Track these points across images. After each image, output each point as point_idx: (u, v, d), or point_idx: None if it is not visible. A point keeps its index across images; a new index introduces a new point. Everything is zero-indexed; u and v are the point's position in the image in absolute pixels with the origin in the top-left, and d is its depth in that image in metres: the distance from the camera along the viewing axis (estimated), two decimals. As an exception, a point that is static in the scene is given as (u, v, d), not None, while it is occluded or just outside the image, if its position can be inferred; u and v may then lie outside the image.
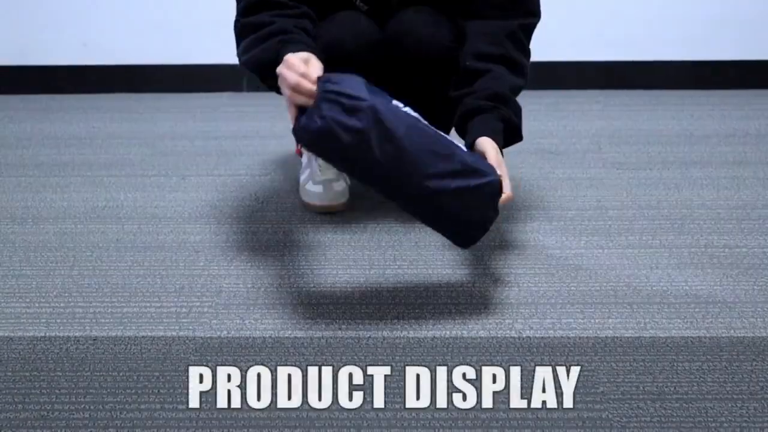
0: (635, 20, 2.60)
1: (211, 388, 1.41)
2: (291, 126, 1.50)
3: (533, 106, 2.51)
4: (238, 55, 1.67)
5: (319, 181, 1.95)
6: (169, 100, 2.65)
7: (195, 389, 1.41)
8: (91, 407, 1.37)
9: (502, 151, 1.61)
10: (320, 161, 1.96)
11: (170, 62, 2.68)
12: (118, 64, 2.70)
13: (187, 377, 1.43)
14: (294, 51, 1.50)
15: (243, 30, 1.65)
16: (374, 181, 1.48)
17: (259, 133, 2.40)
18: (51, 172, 2.19)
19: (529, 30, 1.71)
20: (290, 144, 2.27)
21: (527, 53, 1.72)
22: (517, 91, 1.69)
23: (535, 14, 1.71)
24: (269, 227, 1.89)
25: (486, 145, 1.58)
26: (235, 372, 1.45)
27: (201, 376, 1.44)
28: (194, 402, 1.38)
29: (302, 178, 2.01)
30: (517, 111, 1.67)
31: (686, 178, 2.10)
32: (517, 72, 1.69)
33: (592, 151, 2.25)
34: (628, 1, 2.59)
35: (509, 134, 1.66)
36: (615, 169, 2.15)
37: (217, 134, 2.38)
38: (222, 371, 1.45)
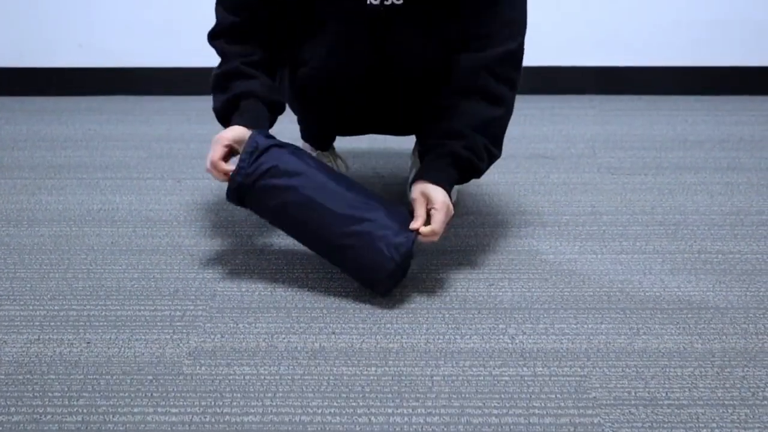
0: (630, 26, 2.61)
1: (205, 392, 1.41)
2: (286, 130, 1.55)
3: (528, 110, 2.52)
4: (211, 76, 1.78)
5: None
6: (165, 102, 2.65)
7: (189, 393, 1.41)
8: (84, 410, 1.37)
9: (445, 182, 1.63)
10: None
11: (166, 65, 2.69)
12: (114, 66, 2.70)
13: (181, 381, 1.43)
14: (237, 122, 1.66)
15: (218, 60, 1.76)
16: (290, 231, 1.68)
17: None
18: (46, 174, 2.19)
19: (513, 58, 1.68)
20: (285, 147, 2.27)
21: (512, 82, 1.69)
22: (492, 122, 1.67)
23: (516, 40, 1.68)
24: (264, 231, 1.89)
25: (423, 188, 1.62)
26: (228, 376, 1.45)
27: (194, 379, 1.44)
28: (188, 406, 1.38)
29: (297, 181, 2.01)
30: (474, 144, 1.65)
31: (680, 183, 2.10)
32: (495, 105, 1.67)
33: (586, 156, 2.26)
34: (623, 7, 2.59)
35: (463, 169, 1.66)
36: (609, 174, 2.16)
37: (213, 137, 2.38)
38: (215, 375, 1.45)
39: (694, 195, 2.05)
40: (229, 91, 1.71)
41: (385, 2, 1.68)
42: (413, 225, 1.60)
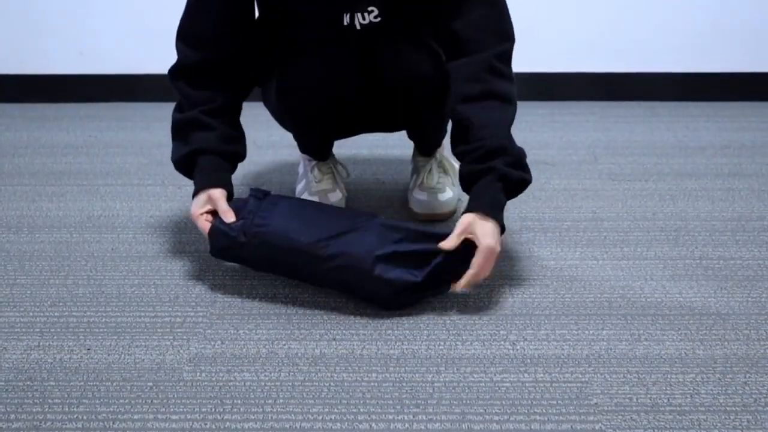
0: (631, 32, 2.61)
1: (205, 398, 1.41)
2: (285, 138, 1.54)
3: (529, 117, 2.52)
4: (171, 118, 1.80)
5: (315, 191, 1.95)
6: (166, 109, 2.63)
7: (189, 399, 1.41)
8: (84, 417, 1.37)
9: (498, 212, 1.60)
10: (316, 171, 1.96)
11: (166, 71, 2.69)
12: (115, 73, 2.70)
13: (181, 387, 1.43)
14: (201, 187, 1.68)
15: (178, 100, 1.77)
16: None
17: (254, 142, 2.39)
18: (47, 180, 2.19)
19: (506, 56, 1.67)
20: (286, 153, 2.27)
21: (511, 78, 1.68)
22: (510, 122, 1.66)
23: (509, 38, 1.67)
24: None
25: (472, 221, 1.59)
26: (228, 382, 1.45)
27: (194, 385, 1.44)
28: (188, 412, 1.38)
29: (298, 188, 2.01)
30: (515, 157, 1.63)
31: (681, 189, 2.10)
32: (506, 102, 1.65)
33: (587, 162, 2.25)
34: (623, 13, 2.60)
35: (513, 187, 1.63)
36: (610, 180, 2.16)
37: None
38: (216, 381, 1.45)
39: (696, 201, 2.04)
40: (187, 144, 1.71)
41: (362, 22, 1.68)
42: (442, 245, 1.58)
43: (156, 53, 2.66)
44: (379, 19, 1.67)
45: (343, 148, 2.11)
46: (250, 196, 1.68)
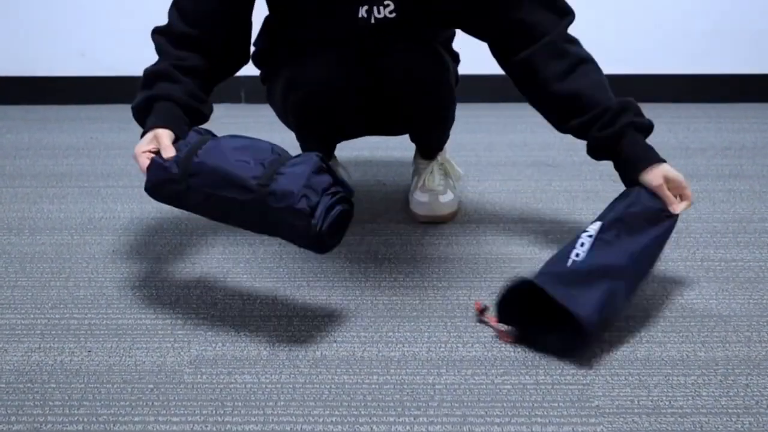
0: (631, 34, 2.61)
1: (206, 400, 1.41)
2: (287, 140, 1.53)
3: (531, 118, 2.51)
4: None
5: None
6: (167, 111, 2.64)
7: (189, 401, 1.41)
8: (85, 419, 1.37)
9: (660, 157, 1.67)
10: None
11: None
12: (116, 75, 2.70)
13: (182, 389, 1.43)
14: (150, 122, 1.61)
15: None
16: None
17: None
18: (48, 182, 2.19)
19: (569, 27, 1.72)
20: (287, 155, 2.27)
21: (580, 42, 1.73)
22: (605, 80, 1.72)
23: (568, 12, 1.71)
24: (265, 239, 1.88)
25: (662, 172, 1.66)
26: (229, 384, 1.45)
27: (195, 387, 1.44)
28: (189, 414, 1.38)
29: (299, 189, 2.01)
30: (635, 107, 1.69)
31: (682, 191, 2.10)
32: (594, 64, 1.72)
33: (588, 164, 2.24)
34: (624, 15, 2.60)
35: (647, 133, 1.70)
36: (612, 181, 2.15)
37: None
38: (217, 383, 1.45)
39: (697, 202, 2.04)
40: (151, 90, 1.65)
41: (377, 16, 1.68)
42: (677, 209, 1.64)
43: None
44: (394, 14, 1.67)
45: (344, 150, 2.11)
46: (192, 131, 1.58)
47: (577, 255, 1.53)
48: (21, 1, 2.61)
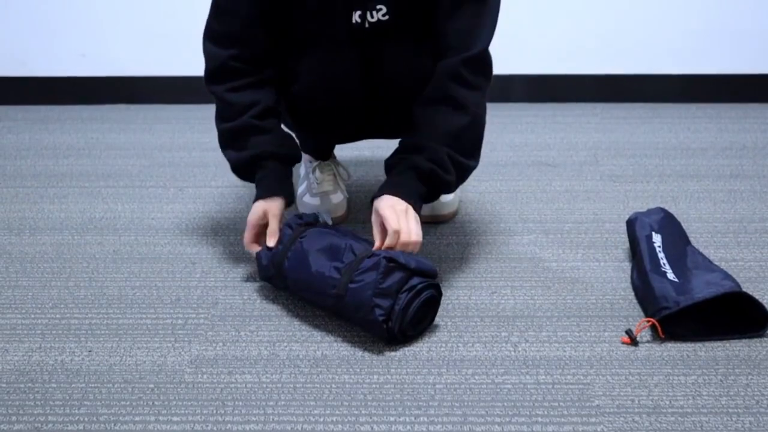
0: (632, 33, 2.61)
1: (206, 400, 1.41)
2: None
3: (530, 118, 2.52)
4: (217, 127, 1.76)
5: (317, 193, 1.95)
6: (168, 111, 2.65)
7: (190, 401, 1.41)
8: (86, 419, 1.37)
9: (406, 193, 1.60)
10: (317, 173, 1.96)
11: (169, 73, 2.69)
12: (117, 75, 2.70)
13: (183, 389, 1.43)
14: (261, 196, 1.68)
15: (217, 106, 1.76)
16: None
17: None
18: (48, 182, 2.19)
19: (474, 62, 1.65)
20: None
21: (475, 87, 1.66)
22: (459, 131, 1.64)
23: (479, 45, 1.65)
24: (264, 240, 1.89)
25: (380, 204, 1.59)
26: (230, 384, 1.45)
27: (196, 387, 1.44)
28: (190, 414, 1.38)
29: (299, 190, 2.01)
30: (437, 156, 1.61)
31: (683, 191, 2.10)
32: (459, 110, 1.64)
33: (589, 164, 2.25)
34: (625, 15, 2.59)
35: (427, 181, 1.61)
36: (612, 181, 2.15)
37: (215, 146, 2.35)
38: (217, 383, 1.45)
39: (697, 203, 2.04)
40: (245, 149, 1.70)
41: (371, 20, 1.68)
42: (375, 247, 1.57)
43: (158, 56, 2.67)
44: (387, 17, 1.68)
45: (344, 149, 2.11)
46: (285, 225, 1.67)
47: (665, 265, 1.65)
48: (21, 1, 2.61)
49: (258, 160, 1.70)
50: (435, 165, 1.61)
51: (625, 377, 1.45)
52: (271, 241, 1.65)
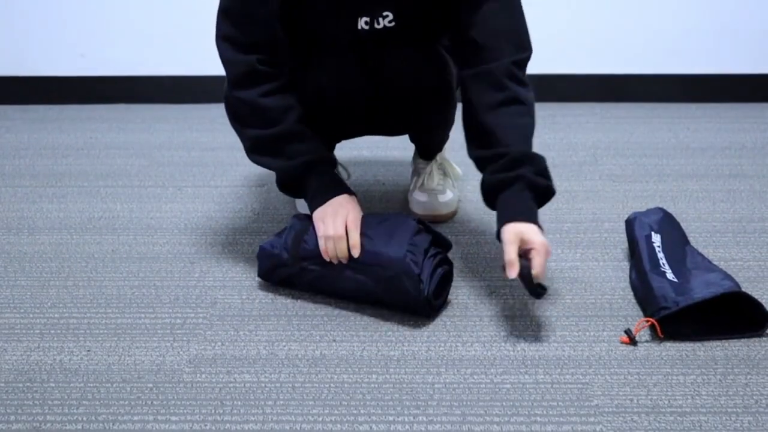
0: (632, 34, 2.60)
1: (205, 400, 1.41)
2: None
3: (530, 118, 2.52)
4: (241, 137, 1.69)
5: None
6: (167, 110, 2.65)
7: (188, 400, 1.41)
8: (84, 418, 1.37)
9: (535, 217, 1.57)
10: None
11: (168, 73, 2.69)
12: (116, 74, 2.70)
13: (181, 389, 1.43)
14: (335, 193, 1.65)
15: (238, 110, 1.67)
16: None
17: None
18: (47, 182, 2.19)
19: (524, 65, 1.66)
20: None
21: (529, 86, 1.66)
22: (532, 130, 1.64)
23: (526, 48, 1.66)
24: (265, 238, 1.88)
25: (524, 232, 1.54)
26: (228, 384, 1.45)
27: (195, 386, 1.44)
28: (188, 414, 1.38)
29: (299, 189, 2.01)
30: (540, 166, 1.60)
31: (682, 190, 2.10)
32: (527, 109, 1.64)
33: (588, 164, 2.25)
34: (625, 15, 2.59)
35: (540, 196, 1.60)
36: (611, 181, 2.15)
37: (214, 145, 2.38)
38: (216, 383, 1.45)
39: (696, 202, 2.04)
40: (294, 156, 1.65)
41: (377, 26, 1.68)
42: (510, 274, 1.52)
43: (157, 55, 2.66)
44: (393, 24, 1.67)
45: (343, 149, 2.11)
46: (293, 217, 1.70)
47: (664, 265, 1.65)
48: (21, 1, 2.61)
49: (313, 166, 1.66)
50: (545, 178, 1.59)
51: (624, 377, 1.45)
52: (357, 240, 1.59)
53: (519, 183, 1.57)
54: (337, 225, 1.59)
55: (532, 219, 1.56)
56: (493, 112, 1.61)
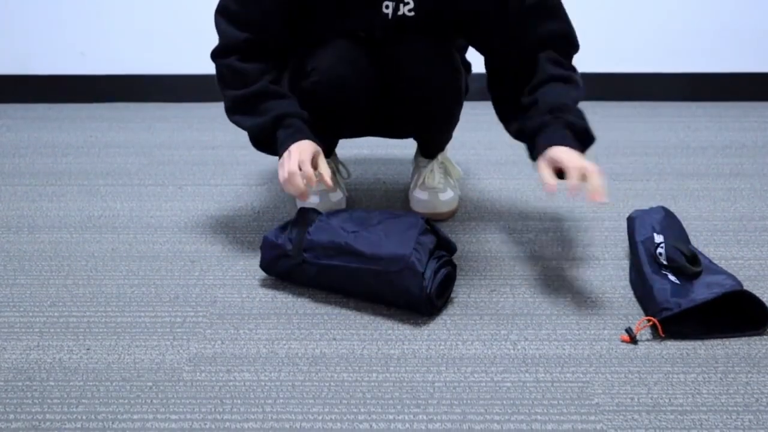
0: (632, 32, 2.60)
1: (205, 398, 1.41)
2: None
3: (530, 117, 2.51)
4: (224, 100, 1.74)
5: (316, 191, 1.94)
6: (167, 109, 2.65)
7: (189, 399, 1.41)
8: (84, 417, 1.37)
9: (572, 144, 1.60)
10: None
11: (168, 72, 2.69)
12: (116, 73, 2.70)
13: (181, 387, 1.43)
14: (297, 139, 1.65)
15: (222, 73, 1.74)
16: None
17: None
18: (47, 181, 2.18)
19: (571, 57, 1.74)
20: (287, 154, 2.27)
21: (578, 73, 1.72)
22: (578, 98, 1.69)
23: (577, 46, 1.73)
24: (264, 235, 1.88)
25: (556, 152, 1.57)
26: (228, 382, 1.45)
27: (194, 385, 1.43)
28: (188, 412, 1.38)
29: (298, 188, 2.01)
30: (579, 115, 1.65)
31: (683, 189, 2.10)
32: (580, 90, 1.70)
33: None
34: (625, 14, 2.59)
35: (580, 138, 1.64)
36: (612, 180, 2.15)
37: (214, 144, 2.38)
38: (216, 381, 1.45)
39: (697, 201, 2.04)
40: (266, 112, 1.68)
41: (398, 13, 1.69)
42: (548, 191, 1.56)
43: (157, 54, 2.66)
44: (412, 13, 1.68)
45: (344, 148, 2.11)
46: (298, 211, 1.71)
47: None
48: (21, 0, 2.61)
49: (282, 119, 1.68)
50: (584, 121, 1.64)
51: (624, 375, 1.45)
52: (325, 169, 1.63)
53: (557, 124, 1.61)
54: (291, 163, 1.61)
55: (568, 144, 1.58)
56: (548, 85, 1.67)
